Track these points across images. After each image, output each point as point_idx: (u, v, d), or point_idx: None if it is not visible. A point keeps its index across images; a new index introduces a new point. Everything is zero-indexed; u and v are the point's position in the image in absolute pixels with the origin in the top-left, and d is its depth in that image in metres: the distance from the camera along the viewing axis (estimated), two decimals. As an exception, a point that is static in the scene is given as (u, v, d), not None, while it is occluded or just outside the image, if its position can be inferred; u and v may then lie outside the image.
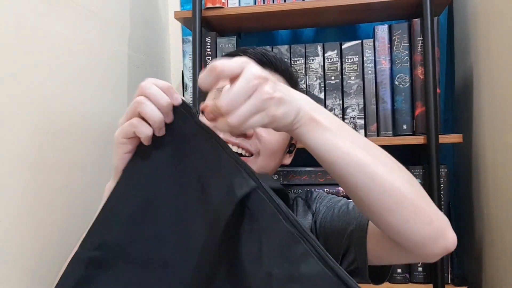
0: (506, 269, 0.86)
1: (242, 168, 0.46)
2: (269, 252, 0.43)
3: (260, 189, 0.45)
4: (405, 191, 0.52)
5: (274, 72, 0.73)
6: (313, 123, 0.51)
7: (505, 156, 0.86)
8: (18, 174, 0.74)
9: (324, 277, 0.40)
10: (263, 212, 0.44)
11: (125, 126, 0.51)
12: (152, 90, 0.49)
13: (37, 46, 0.79)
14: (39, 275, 0.78)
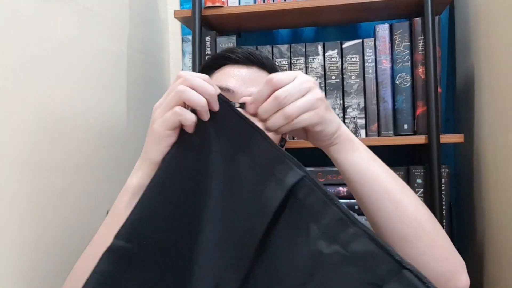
0: (508, 270, 0.86)
1: (287, 158, 0.48)
2: (319, 236, 0.45)
3: (308, 177, 0.47)
4: (426, 224, 0.54)
5: (261, 69, 0.75)
6: (351, 143, 0.55)
7: (506, 156, 0.85)
8: (18, 175, 0.74)
9: (377, 255, 0.43)
10: (312, 199, 0.46)
11: (169, 116, 0.50)
12: (195, 80, 0.50)
13: (36, 45, 0.79)
14: (39, 275, 0.78)
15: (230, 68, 0.74)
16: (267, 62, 0.76)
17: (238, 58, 0.74)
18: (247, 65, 0.74)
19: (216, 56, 0.78)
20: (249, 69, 0.74)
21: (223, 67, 0.75)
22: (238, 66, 0.74)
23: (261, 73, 0.74)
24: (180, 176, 0.50)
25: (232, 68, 0.74)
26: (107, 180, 1.01)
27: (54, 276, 0.82)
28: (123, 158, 1.09)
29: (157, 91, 1.31)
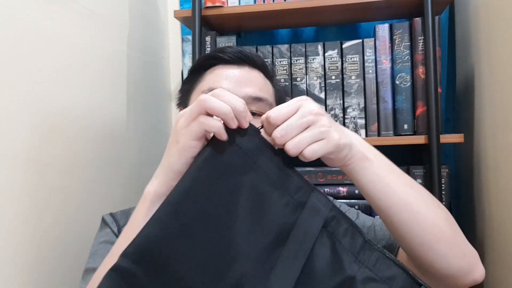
0: (508, 269, 0.86)
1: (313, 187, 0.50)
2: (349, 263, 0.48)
3: (334, 207, 0.50)
4: (444, 227, 0.55)
5: (253, 68, 0.74)
6: (366, 161, 0.55)
7: (506, 155, 0.85)
8: (18, 174, 0.74)
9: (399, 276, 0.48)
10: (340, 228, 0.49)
11: (194, 127, 0.48)
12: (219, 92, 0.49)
13: (36, 45, 0.79)
14: (38, 275, 0.78)
15: (221, 69, 0.73)
16: (258, 60, 0.75)
17: (229, 58, 0.73)
18: (239, 65, 0.73)
19: (206, 57, 0.76)
20: (241, 68, 0.73)
21: (214, 68, 0.74)
22: (229, 66, 0.73)
23: (253, 72, 0.73)
24: (203, 195, 0.46)
25: (224, 69, 0.73)
26: (106, 179, 1.01)
27: (54, 275, 0.82)
28: (123, 158, 1.09)
29: (157, 91, 1.31)
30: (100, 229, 0.74)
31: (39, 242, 0.79)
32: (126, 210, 0.79)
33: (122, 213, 0.77)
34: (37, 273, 0.78)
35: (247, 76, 0.72)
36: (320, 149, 0.49)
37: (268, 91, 0.74)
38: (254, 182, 0.48)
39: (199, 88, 0.72)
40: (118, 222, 0.74)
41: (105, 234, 0.72)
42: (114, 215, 0.76)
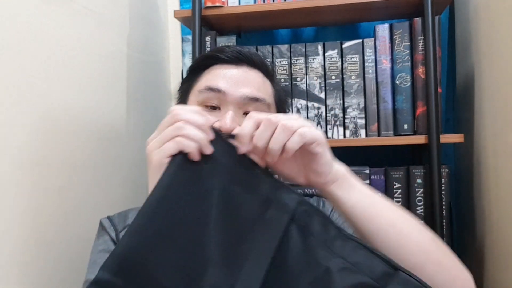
0: (508, 270, 0.86)
1: (281, 184, 0.50)
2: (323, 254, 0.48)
3: (303, 201, 0.50)
4: (431, 248, 0.54)
5: (251, 67, 0.73)
6: (349, 180, 0.55)
7: (506, 156, 0.85)
8: (18, 174, 0.74)
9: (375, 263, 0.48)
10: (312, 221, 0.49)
11: (169, 145, 0.49)
12: (188, 115, 0.50)
13: (35, 45, 0.79)
14: (38, 275, 0.78)
15: (219, 69, 0.72)
16: (257, 60, 0.74)
17: (227, 58, 0.72)
18: (237, 65, 0.72)
19: (204, 56, 0.76)
20: (239, 68, 0.72)
21: (212, 67, 0.73)
22: (227, 65, 0.72)
23: (251, 72, 0.72)
24: (175, 202, 0.47)
25: (222, 68, 0.72)
26: (106, 179, 1.01)
27: (54, 275, 0.82)
28: (123, 158, 1.09)
29: (157, 91, 1.31)
30: (98, 235, 0.73)
31: (39, 241, 0.79)
32: (123, 212, 0.78)
33: (119, 216, 0.76)
34: (37, 272, 0.78)
35: (244, 76, 0.71)
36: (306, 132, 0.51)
37: (266, 91, 0.73)
38: (222, 183, 0.49)
39: (197, 87, 0.71)
40: (116, 227, 0.73)
41: (103, 242, 0.71)
42: (111, 218, 0.75)
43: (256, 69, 0.74)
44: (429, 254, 0.54)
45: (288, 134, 0.50)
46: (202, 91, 0.69)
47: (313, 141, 0.51)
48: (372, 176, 1.07)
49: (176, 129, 0.49)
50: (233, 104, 0.67)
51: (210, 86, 0.68)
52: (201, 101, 0.69)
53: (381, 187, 1.07)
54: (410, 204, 1.05)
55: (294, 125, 0.51)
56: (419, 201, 1.04)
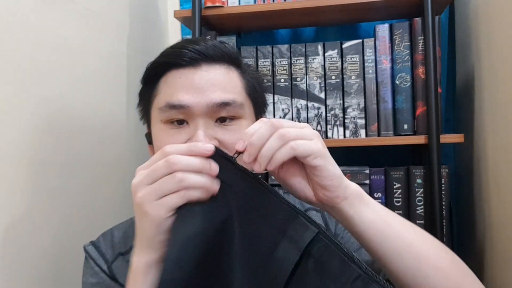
0: (508, 270, 0.86)
1: (299, 214, 0.46)
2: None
3: (322, 233, 0.45)
4: (450, 271, 0.51)
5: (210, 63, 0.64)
6: (362, 197, 0.51)
7: (506, 156, 0.85)
8: (17, 174, 0.74)
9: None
10: (329, 256, 0.45)
11: (174, 201, 0.46)
12: (185, 161, 0.46)
13: (36, 46, 0.79)
14: (38, 275, 0.78)
15: (175, 76, 0.63)
16: (214, 53, 0.64)
17: (181, 62, 0.63)
18: (194, 66, 0.63)
19: (156, 64, 0.66)
20: (197, 70, 0.62)
21: (166, 75, 0.64)
22: (184, 69, 0.63)
23: (212, 71, 0.63)
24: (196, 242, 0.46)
25: (177, 75, 0.63)
26: (106, 179, 1.01)
27: (54, 275, 0.82)
28: (123, 158, 1.09)
29: (157, 91, 1.31)
30: (87, 265, 0.69)
31: (39, 241, 0.79)
32: (108, 234, 0.72)
33: (104, 239, 0.71)
34: (37, 272, 0.78)
35: (205, 79, 0.62)
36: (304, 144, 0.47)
37: (234, 87, 0.64)
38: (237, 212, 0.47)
39: (157, 104, 0.64)
40: (105, 256, 0.68)
41: (94, 274, 0.67)
42: (97, 245, 0.70)
43: (216, 64, 0.64)
44: (449, 278, 0.50)
45: (281, 144, 0.46)
46: (164, 109, 0.62)
47: (307, 154, 0.47)
48: (372, 176, 1.07)
49: (178, 182, 0.45)
50: (201, 115, 0.61)
51: (171, 103, 0.61)
52: (165, 119, 0.62)
53: (381, 187, 1.07)
54: (410, 204, 1.05)
55: (291, 134, 0.47)
56: (419, 201, 1.04)
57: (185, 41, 0.67)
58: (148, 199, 0.46)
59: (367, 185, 1.06)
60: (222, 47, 0.65)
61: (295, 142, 0.46)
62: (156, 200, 0.46)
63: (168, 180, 0.46)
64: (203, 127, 0.60)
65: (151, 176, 0.47)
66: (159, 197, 0.46)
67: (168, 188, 0.46)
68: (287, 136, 0.47)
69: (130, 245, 0.70)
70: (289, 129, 0.47)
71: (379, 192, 1.07)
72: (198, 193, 0.46)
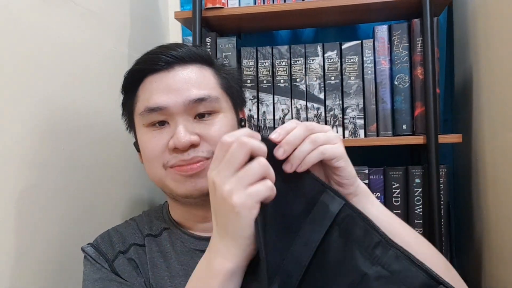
0: (506, 269, 0.86)
1: (327, 188, 0.51)
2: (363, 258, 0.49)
3: (347, 205, 0.50)
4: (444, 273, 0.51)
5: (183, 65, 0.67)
6: (369, 195, 0.56)
7: (504, 156, 0.86)
8: (17, 174, 0.74)
9: (416, 275, 0.47)
10: (354, 226, 0.50)
11: (262, 190, 0.45)
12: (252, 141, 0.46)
13: (36, 46, 0.79)
14: (38, 275, 0.78)
15: (152, 81, 0.67)
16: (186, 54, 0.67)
17: (155, 67, 0.66)
18: (168, 69, 0.66)
19: (132, 72, 0.70)
20: (170, 72, 0.66)
21: (144, 80, 0.68)
22: (158, 74, 0.66)
23: (185, 72, 0.66)
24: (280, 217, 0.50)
25: (153, 80, 0.66)
26: (107, 180, 1.02)
27: (54, 275, 0.83)
28: (125, 158, 1.10)
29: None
30: (86, 264, 0.69)
31: (39, 241, 0.79)
32: (105, 235, 0.73)
33: (102, 240, 0.72)
34: (37, 272, 0.78)
35: (179, 79, 0.65)
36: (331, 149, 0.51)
37: (207, 83, 0.67)
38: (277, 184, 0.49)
39: (137, 111, 0.68)
40: (106, 256, 0.69)
41: (97, 270, 0.68)
42: (97, 247, 0.71)
43: (189, 65, 0.67)
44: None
45: (312, 148, 0.50)
46: (144, 114, 0.65)
47: (333, 157, 0.51)
48: (371, 176, 1.07)
49: (263, 167, 0.46)
50: (180, 114, 0.64)
51: (149, 107, 0.64)
52: (147, 123, 0.66)
53: (380, 187, 1.07)
54: (409, 203, 1.06)
55: (321, 139, 0.51)
56: (418, 201, 1.05)
57: (160, 47, 0.70)
58: (237, 190, 0.45)
59: (366, 185, 1.06)
60: (194, 50, 0.69)
61: (323, 147, 0.50)
62: (245, 190, 0.45)
63: (255, 168, 0.45)
64: (183, 124, 0.63)
65: (232, 164, 0.45)
66: (248, 186, 0.45)
67: (255, 175, 0.45)
68: (318, 141, 0.50)
69: (128, 244, 0.71)
70: (319, 134, 0.51)
71: (378, 192, 1.07)
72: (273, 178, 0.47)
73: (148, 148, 0.68)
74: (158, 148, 0.66)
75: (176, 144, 0.63)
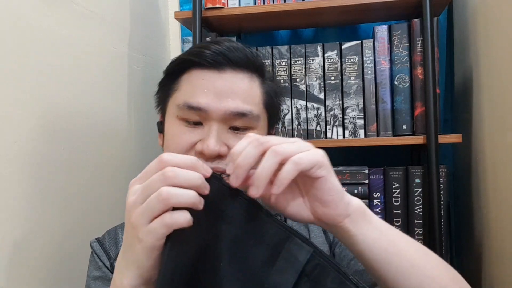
0: (506, 269, 0.86)
1: (293, 234, 0.43)
2: None
3: (317, 253, 0.43)
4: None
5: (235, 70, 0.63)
6: (364, 213, 0.48)
7: (504, 156, 0.86)
8: (18, 174, 0.74)
9: None
10: (324, 277, 0.43)
11: (159, 229, 0.41)
12: (181, 176, 0.41)
13: (37, 46, 0.79)
14: (38, 275, 0.78)
15: (198, 76, 0.63)
16: (241, 60, 0.63)
17: (206, 63, 0.62)
18: (219, 70, 0.62)
19: (181, 60, 0.66)
20: (221, 74, 0.62)
21: (190, 72, 0.64)
22: (207, 71, 0.62)
23: (236, 77, 0.63)
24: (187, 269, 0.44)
25: (201, 76, 0.62)
26: (107, 179, 1.02)
27: (54, 275, 0.83)
28: (124, 158, 1.10)
29: (157, 92, 1.31)
30: (91, 260, 0.71)
31: (40, 241, 0.79)
32: (113, 231, 0.73)
33: (109, 236, 0.72)
34: (37, 272, 0.78)
35: (228, 85, 0.62)
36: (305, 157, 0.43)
37: (254, 98, 0.64)
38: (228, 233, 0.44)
39: (175, 99, 0.65)
40: (108, 254, 0.70)
41: (98, 268, 0.69)
42: (102, 242, 0.71)
43: (241, 71, 0.64)
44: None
45: (277, 161, 0.42)
46: (182, 107, 0.62)
47: (312, 165, 0.43)
48: (371, 176, 1.07)
49: (162, 200, 0.41)
50: (217, 120, 0.61)
51: (189, 104, 0.61)
52: (181, 117, 0.63)
53: (380, 187, 1.07)
54: (409, 204, 1.06)
55: (287, 150, 0.42)
56: (418, 201, 1.05)
57: (210, 42, 0.66)
58: (141, 222, 0.42)
59: (366, 185, 1.07)
60: (247, 53, 0.64)
61: (297, 156, 0.42)
62: (148, 224, 0.41)
63: (154, 199, 0.41)
64: (216, 132, 0.60)
65: (146, 193, 0.42)
66: (150, 220, 0.41)
67: (154, 208, 0.41)
68: (282, 152, 0.42)
69: None
70: (283, 144, 0.43)
71: (378, 192, 1.07)
72: (185, 219, 0.42)
73: (175, 142, 0.64)
74: (185, 145, 0.62)
75: (204, 150, 0.59)
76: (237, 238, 0.44)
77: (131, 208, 0.43)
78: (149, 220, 0.41)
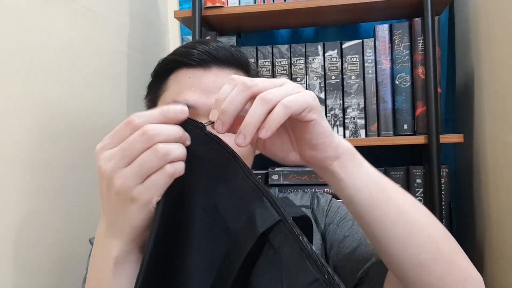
0: (507, 270, 0.86)
1: (264, 196, 0.41)
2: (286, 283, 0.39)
3: (284, 222, 0.40)
4: (443, 244, 0.48)
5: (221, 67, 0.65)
6: (354, 156, 0.47)
7: (506, 156, 0.85)
8: (18, 174, 0.74)
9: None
10: (286, 249, 0.40)
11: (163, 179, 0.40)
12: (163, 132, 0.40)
13: (36, 46, 0.79)
14: (38, 275, 0.78)
15: (185, 75, 0.64)
16: (226, 58, 0.64)
17: (192, 62, 0.64)
18: (204, 68, 0.64)
19: (168, 60, 0.68)
20: (206, 72, 0.64)
21: (177, 72, 0.66)
22: (194, 70, 0.64)
23: (221, 74, 0.64)
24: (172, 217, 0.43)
25: (187, 75, 0.64)
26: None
27: (54, 275, 0.82)
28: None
29: (157, 91, 1.31)
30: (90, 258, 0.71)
31: (39, 242, 0.79)
32: None
33: None
34: (37, 272, 0.78)
35: (214, 81, 0.63)
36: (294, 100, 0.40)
37: None
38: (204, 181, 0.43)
39: (164, 99, 0.66)
40: None
41: None
42: None
43: (227, 68, 0.65)
44: (442, 251, 0.47)
45: (267, 109, 0.40)
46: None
47: (303, 108, 0.41)
48: (372, 176, 1.07)
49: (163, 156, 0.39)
50: (205, 116, 0.60)
51: (177, 101, 0.62)
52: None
53: (381, 187, 1.07)
54: (410, 204, 1.05)
55: (276, 95, 0.40)
56: (419, 201, 1.04)
57: (196, 41, 0.68)
58: (132, 184, 0.39)
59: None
60: (232, 51, 0.66)
61: (286, 99, 0.40)
62: (141, 184, 0.40)
63: (151, 156, 0.39)
64: None
65: (127, 156, 0.40)
66: (143, 179, 0.40)
67: (152, 166, 0.39)
68: (271, 99, 0.40)
69: None
70: (272, 90, 0.41)
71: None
72: (182, 166, 0.40)
73: None
74: None
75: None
76: (212, 187, 0.43)
77: (112, 173, 0.40)
78: (142, 179, 0.40)
